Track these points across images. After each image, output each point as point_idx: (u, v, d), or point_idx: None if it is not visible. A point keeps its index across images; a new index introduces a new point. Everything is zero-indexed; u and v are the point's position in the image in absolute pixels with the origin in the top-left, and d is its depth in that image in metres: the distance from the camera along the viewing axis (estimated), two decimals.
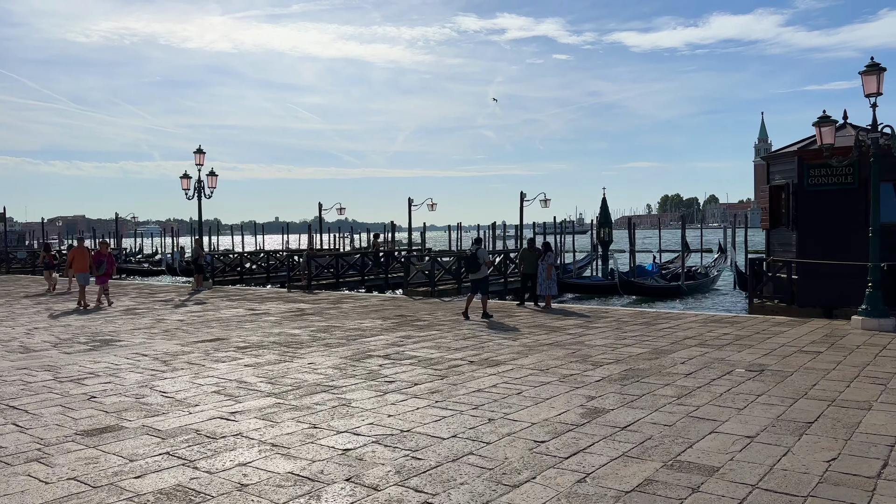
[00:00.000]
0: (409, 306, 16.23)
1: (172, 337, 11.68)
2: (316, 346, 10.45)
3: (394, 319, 13.69)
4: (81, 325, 13.48)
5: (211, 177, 23.09)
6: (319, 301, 17.79)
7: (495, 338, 11.08)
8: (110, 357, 9.70)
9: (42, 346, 10.86)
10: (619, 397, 6.96)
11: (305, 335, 11.67)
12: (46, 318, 14.79)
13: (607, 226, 31.19)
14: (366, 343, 10.70)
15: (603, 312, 14.62)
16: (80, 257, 17.74)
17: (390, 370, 8.50)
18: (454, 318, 13.88)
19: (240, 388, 7.57)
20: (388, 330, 12.17)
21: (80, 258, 17.72)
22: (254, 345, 10.72)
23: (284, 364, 9.03)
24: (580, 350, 9.81)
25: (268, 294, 20.17)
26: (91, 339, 11.56)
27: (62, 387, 7.73)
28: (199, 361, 9.29)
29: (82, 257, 17.71)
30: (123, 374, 8.42)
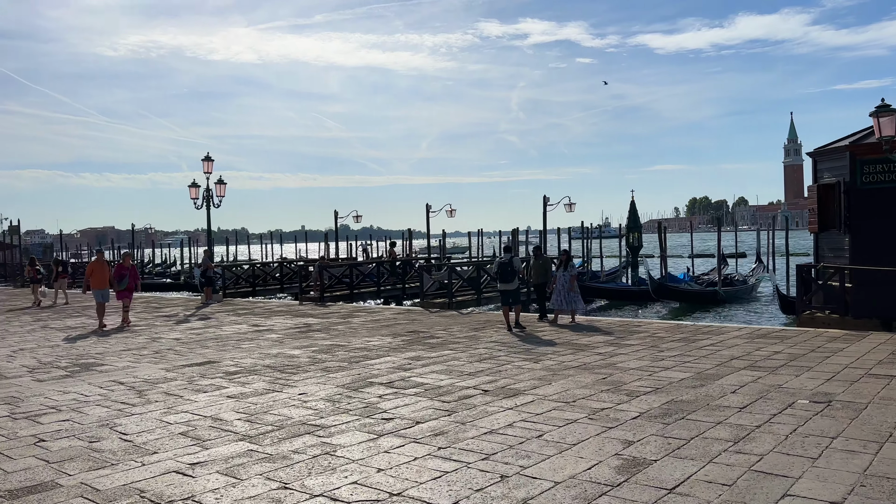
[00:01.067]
0: (423, 320, 15.08)
1: (161, 360, 10.67)
2: (313, 371, 9.34)
3: (405, 336, 12.55)
4: (70, 345, 12.55)
5: (219, 185, 22.23)
6: (330, 315, 16.73)
7: (515, 359, 9.87)
8: (83, 386, 8.68)
9: (18, 371, 9.91)
10: (662, 442, 5.72)
11: (305, 357, 10.58)
12: (39, 336, 13.92)
13: (636, 230, 29.67)
14: (369, 367, 9.57)
15: (635, 326, 13.31)
16: (100, 271, 15.58)
17: (391, 403, 7.34)
18: (471, 333, 12.70)
19: (212, 429, 6.47)
20: (397, 349, 11.03)
21: (98, 272, 15.55)
22: (245, 369, 9.65)
23: (272, 395, 7.93)
24: (612, 375, 8.56)
25: (278, 307, 19.18)
26: (74, 362, 10.60)
27: (12, 426, 6.70)
28: (179, 391, 8.23)
29: (101, 271, 15.60)
30: (88, 409, 7.38)
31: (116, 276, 15.53)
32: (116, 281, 15.46)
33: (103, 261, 16.30)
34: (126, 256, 16.83)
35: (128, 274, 15.62)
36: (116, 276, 15.53)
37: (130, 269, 15.89)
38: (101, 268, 15.71)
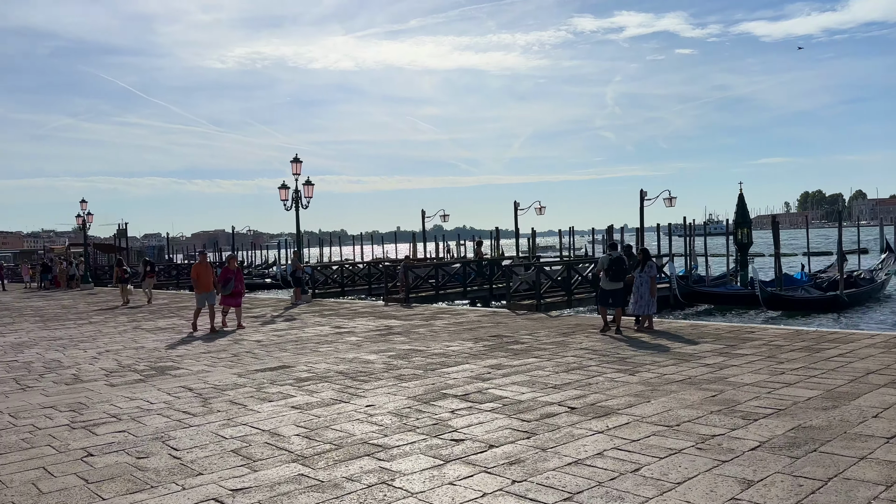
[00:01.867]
0: (508, 323, 14.20)
1: (236, 364, 10.36)
2: (385, 379, 8.69)
3: (487, 341, 11.72)
4: (154, 347, 12.55)
5: (307, 186, 22.21)
6: (413, 316, 16.14)
7: (607, 370, 8.84)
8: (151, 392, 8.41)
9: (96, 374, 9.84)
10: (790, 483, 4.62)
11: (380, 363, 9.97)
12: (128, 338, 14.08)
13: (745, 226, 27.37)
14: (445, 375, 8.81)
15: (747, 332, 11.88)
16: (204, 274, 14.89)
17: (463, 420, 6.54)
18: (559, 339, 11.71)
19: (267, 446, 5.90)
20: (477, 356, 10.22)
21: (203, 275, 14.86)
22: (317, 376, 9.12)
23: (338, 406, 7.31)
24: (723, 392, 7.39)
25: (363, 308, 18.83)
26: (152, 365, 10.47)
27: (67, 437, 6.40)
28: (244, 400, 7.78)
29: (206, 274, 14.91)
30: (148, 419, 7.02)
31: (222, 279, 14.83)
32: (221, 285, 14.75)
33: (207, 263, 15.69)
34: (231, 259, 16.16)
35: (233, 278, 14.90)
36: (222, 279, 14.83)
37: (236, 273, 15.21)
38: (206, 270, 15.06)
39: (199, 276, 14.85)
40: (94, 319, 18.24)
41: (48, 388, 8.81)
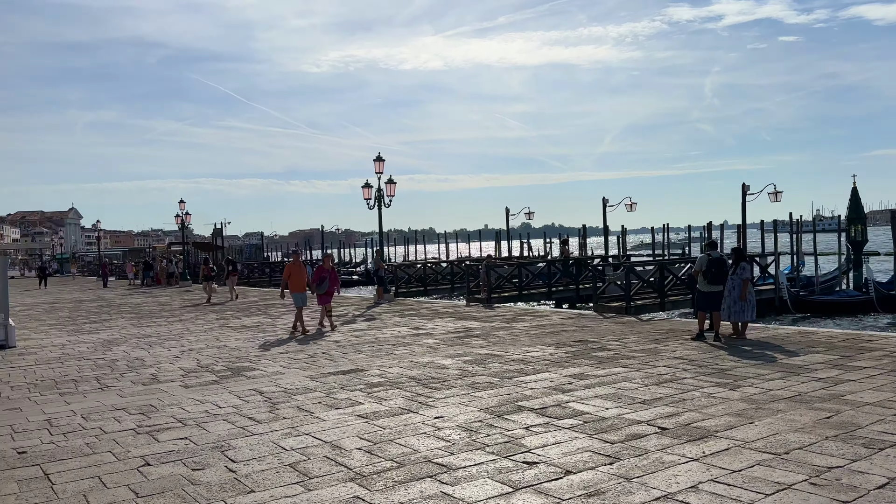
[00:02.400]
0: (595, 327, 13.40)
1: (311, 366, 10.16)
2: (458, 388, 8.19)
3: (570, 346, 11.02)
4: (235, 347, 12.61)
5: (390, 185, 22.07)
6: (493, 318, 15.60)
7: (704, 383, 7.99)
8: (222, 395, 8.28)
9: (174, 374, 9.87)
10: None
11: (455, 368, 9.49)
12: (212, 336, 14.27)
13: (860, 222, 25.08)
14: (522, 385, 8.22)
15: (865, 341, 10.62)
16: (297, 273, 14.39)
17: (538, 438, 5.95)
18: (650, 346, 10.86)
19: (326, 460, 5.53)
20: (559, 363, 9.56)
21: (296, 275, 14.36)
22: (388, 381, 8.75)
23: (405, 417, 6.88)
24: (840, 413, 6.44)
25: (444, 308, 18.45)
26: (229, 366, 10.44)
27: (130, 443, 6.28)
28: (311, 406, 7.49)
29: (299, 273, 14.40)
30: (212, 425, 6.83)
31: (316, 278, 14.44)
32: (316, 284, 14.37)
33: (300, 263, 15.15)
34: (326, 258, 15.61)
35: (328, 276, 14.47)
36: (316, 278, 14.44)
37: (331, 272, 14.72)
38: (299, 269, 14.56)
39: (292, 276, 14.36)
40: (184, 317, 18.76)
41: (125, 389, 8.86)
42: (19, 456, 5.89)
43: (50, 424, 6.98)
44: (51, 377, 9.88)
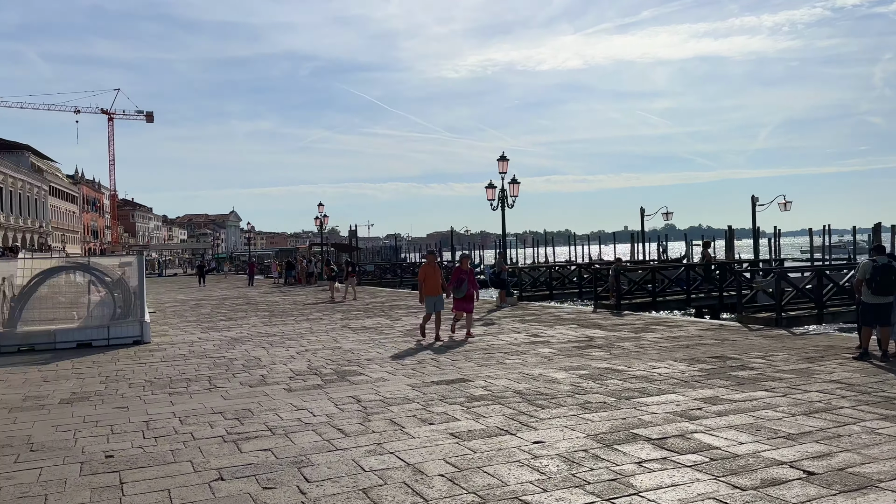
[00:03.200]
0: (737, 341, 11.94)
1: (416, 373, 9.72)
2: (567, 407, 7.36)
3: (705, 363, 9.78)
4: (350, 348, 12.47)
5: (513, 185, 21.37)
6: (620, 327, 14.44)
7: (867, 415, 6.61)
8: (320, 402, 8.00)
9: (281, 377, 9.80)
10: None
11: (567, 383, 8.63)
12: (331, 337, 14.30)
13: None
14: (642, 407, 7.24)
15: None
16: (432, 276, 13.32)
17: (651, 479, 5.03)
18: (801, 366, 9.37)
19: (401, 488, 4.97)
20: (689, 383, 8.42)
21: (431, 277, 13.30)
22: (491, 395, 8.08)
23: (501, 440, 6.18)
24: None
25: (567, 314, 17.47)
26: (337, 369, 10.23)
27: (213, 452, 6.07)
28: (404, 420, 6.98)
29: (433, 275, 13.34)
30: (299, 436, 6.51)
31: (454, 281, 13.45)
32: (453, 287, 13.42)
33: (435, 264, 14.00)
34: (464, 259, 14.35)
35: (466, 279, 13.43)
36: (454, 281, 13.45)
37: (469, 274, 13.68)
38: (434, 271, 13.46)
39: (427, 279, 13.29)
40: (312, 316, 19.14)
41: (231, 391, 8.85)
42: (105, 461, 5.84)
43: (147, 427, 6.99)
44: (168, 375, 10.15)
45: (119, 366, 11.14)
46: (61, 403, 8.25)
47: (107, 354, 12.43)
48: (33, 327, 13.08)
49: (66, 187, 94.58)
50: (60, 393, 8.90)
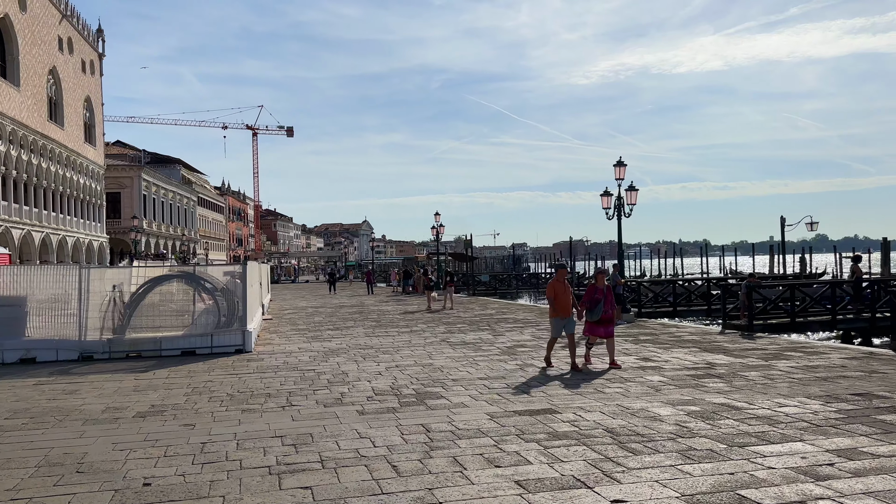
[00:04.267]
0: (889, 374, 10.05)
1: (501, 398, 8.86)
2: (665, 453, 6.22)
3: (846, 402, 8.17)
4: (440, 365, 11.80)
5: (630, 192, 19.88)
6: (749, 352, 12.75)
7: None
8: (386, 430, 7.35)
9: (359, 396, 9.28)
10: None
11: (672, 421, 7.44)
12: (425, 352, 13.71)
13: None
14: (757, 458, 5.97)
15: None
16: (563, 294, 11.28)
17: None
18: None
19: None
20: (822, 428, 6.97)
21: (562, 295, 11.27)
22: (579, 430, 7.07)
23: (575, 493, 5.21)
24: None
25: (690, 335, 15.83)
26: (417, 391, 9.58)
27: (252, 487, 5.56)
28: (469, 458, 6.17)
29: (565, 294, 11.30)
30: (348, 472, 5.87)
31: (587, 301, 11.48)
32: (587, 308, 11.47)
33: (565, 280, 11.70)
34: (600, 275, 12.00)
35: (602, 299, 11.41)
36: (587, 301, 11.48)
37: (606, 292, 11.55)
38: (565, 289, 11.43)
39: (557, 297, 11.25)
40: (416, 328, 18.72)
41: (303, 411, 8.42)
42: (139, 490, 5.50)
43: (201, 450, 6.64)
44: (252, 389, 9.94)
45: (211, 376, 11.14)
46: (135, 417, 8.17)
47: (206, 363, 12.57)
48: (141, 334, 13.52)
49: (213, 198, 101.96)
50: (141, 405, 8.88)
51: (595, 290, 11.56)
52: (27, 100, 43.61)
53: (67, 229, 49.72)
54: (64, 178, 49.49)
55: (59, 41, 50.36)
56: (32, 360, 12.96)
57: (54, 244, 46.51)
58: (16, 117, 41.46)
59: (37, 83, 45.41)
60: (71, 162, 51.27)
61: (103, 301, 13.36)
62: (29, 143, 43.58)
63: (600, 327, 11.49)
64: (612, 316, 11.57)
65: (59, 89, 49.95)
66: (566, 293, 11.42)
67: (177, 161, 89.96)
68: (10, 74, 42.02)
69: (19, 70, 42.68)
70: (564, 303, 11.31)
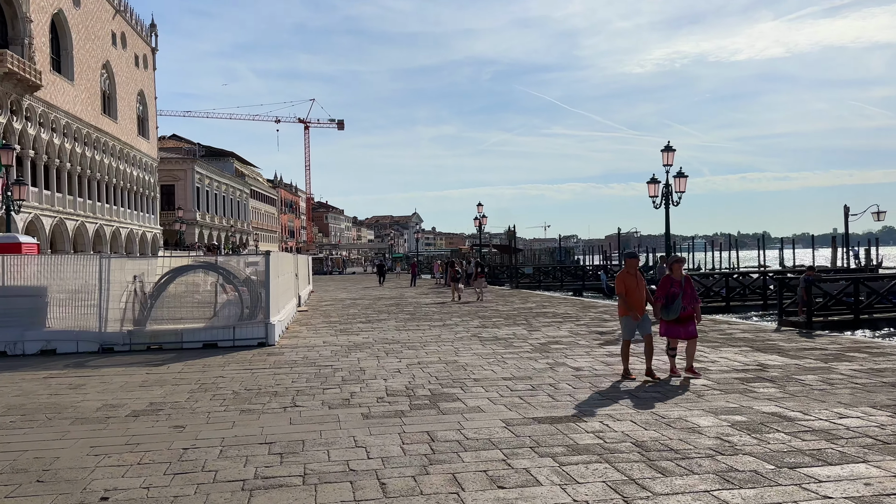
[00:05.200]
0: None
1: (522, 402, 8.05)
2: (700, 475, 5.33)
3: None
4: (463, 362, 11.04)
5: (679, 179, 18.64)
6: (806, 352, 11.57)
7: None
8: (388, 437, 6.65)
9: (368, 397, 8.61)
10: None
11: (712, 434, 6.50)
12: (452, 348, 12.98)
13: None
14: (809, 484, 5.02)
15: None
16: (634, 287, 9.54)
17: None
18: None
19: None
20: (890, 446, 5.93)
21: (634, 289, 9.53)
22: (603, 445, 6.22)
23: None
24: None
25: (742, 332, 14.62)
26: (434, 390, 8.86)
27: (216, 503, 4.93)
28: (471, 477, 5.40)
29: (636, 287, 9.54)
30: (328, 490, 5.19)
31: (661, 295, 9.57)
32: (662, 304, 9.56)
33: (637, 272, 9.81)
34: (677, 265, 9.90)
35: (680, 293, 9.48)
36: (661, 295, 9.57)
37: (685, 285, 9.60)
38: (637, 282, 9.64)
39: (629, 291, 9.53)
40: (448, 321, 17.99)
41: (304, 413, 7.79)
42: None
43: (179, 458, 6.06)
44: (260, 386, 9.39)
45: (224, 371, 10.66)
46: (128, 416, 7.69)
47: (225, 357, 12.13)
48: (162, 326, 13.20)
49: (265, 191, 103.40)
50: (140, 402, 8.42)
51: (671, 283, 9.63)
52: (81, 93, 44.59)
53: (121, 221, 50.83)
54: (117, 171, 50.58)
55: (113, 36, 51.40)
56: (53, 352, 12.78)
57: (108, 235, 47.58)
58: (70, 111, 42.44)
59: (90, 77, 46.41)
60: (124, 154, 52.37)
61: (124, 292, 13.07)
62: (83, 136, 44.58)
63: (679, 327, 9.63)
64: (691, 312, 9.68)
65: (112, 83, 51.02)
66: (639, 287, 9.62)
67: (230, 154, 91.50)
68: (65, 69, 43.01)
69: (73, 64, 43.66)
70: (637, 299, 9.54)
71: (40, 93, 38.08)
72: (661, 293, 9.69)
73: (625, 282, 9.67)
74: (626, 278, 9.70)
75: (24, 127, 36.81)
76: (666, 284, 9.69)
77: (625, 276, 9.76)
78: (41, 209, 38.37)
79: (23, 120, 36.72)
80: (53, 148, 40.37)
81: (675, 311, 9.55)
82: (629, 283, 9.65)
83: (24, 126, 36.81)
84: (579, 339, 13.75)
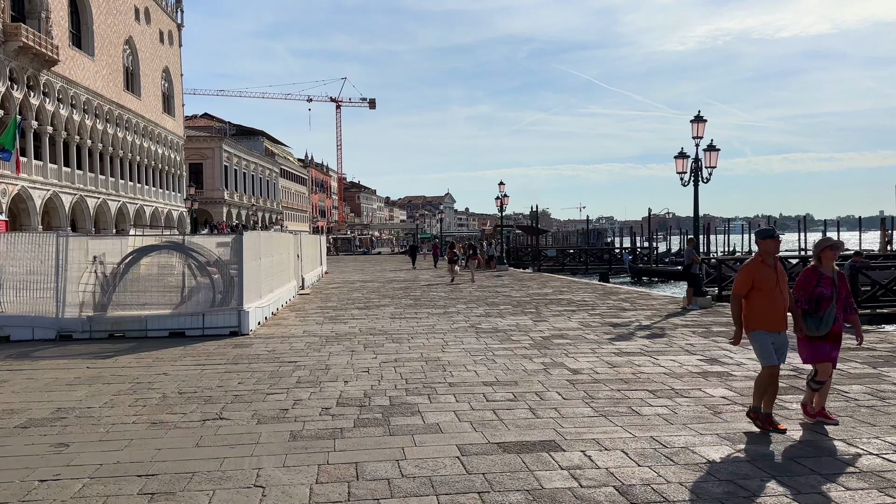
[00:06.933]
0: None
1: (497, 419, 6.57)
2: None
3: None
4: (449, 361, 9.58)
5: (710, 153, 16.73)
6: (852, 352, 9.79)
7: None
8: (299, 472, 5.23)
9: (310, 409, 7.22)
10: None
11: (724, 474, 4.92)
12: (445, 340, 11.53)
13: None
14: None
15: None
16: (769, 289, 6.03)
17: None
18: None
19: None
20: None
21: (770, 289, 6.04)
22: (576, 491, 4.71)
23: None
24: None
25: None
26: (395, 397, 7.42)
27: None
28: None
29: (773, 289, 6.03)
30: None
31: (803, 298, 6.19)
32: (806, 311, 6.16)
33: (778, 261, 6.26)
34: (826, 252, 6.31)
35: (833, 295, 6.12)
36: (803, 298, 6.19)
37: (839, 285, 6.22)
38: (775, 280, 6.11)
39: (761, 291, 6.09)
40: (450, 309, 16.52)
41: (224, 428, 6.42)
42: None
43: (26, 495, 4.75)
44: (198, 388, 8.08)
45: (171, 368, 9.39)
46: (16, 428, 6.44)
47: (185, 349, 10.89)
48: (126, 312, 12.03)
49: (296, 170, 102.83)
50: (45, 408, 7.17)
51: (817, 278, 6.23)
52: (102, 69, 43.93)
53: (145, 199, 50.42)
54: (141, 148, 50.05)
55: (136, 11, 50.64)
56: (7, 339, 11.71)
57: (131, 214, 47.18)
58: (90, 86, 41.82)
59: (112, 53, 45.72)
60: (148, 132, 51.83)
61: (83, 273, 11.90)
62: (104, 113, 43.99)
63: (827, 345, 6.25)
64: (840, 329, 6.29)
65: (135, 59, 50.34)
66: (780, 285, 6.12)
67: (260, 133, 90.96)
68: (85, 44, 42.34)
69: (94, 40, 42.97)
70: (775, 305, 6.09)
71: (58, 68, 37.43)
72: (801, 295, 6.26)
73: (752, 277, 6.12)
74: (753, 271, 6.14)
75: (42, 102, 36.24)
76: (810, 282, 6.25)
77: (752, 268, 6.17)
78: (60, 186, 37.92)
79: (40, 95, 36.14)
80: (73, 124, 39.81)
81: (826, 322, 6.15)
82: (761, 277, 6.08)
83: (42, 101, 36.25)
84: (588, 333, 12.16)
